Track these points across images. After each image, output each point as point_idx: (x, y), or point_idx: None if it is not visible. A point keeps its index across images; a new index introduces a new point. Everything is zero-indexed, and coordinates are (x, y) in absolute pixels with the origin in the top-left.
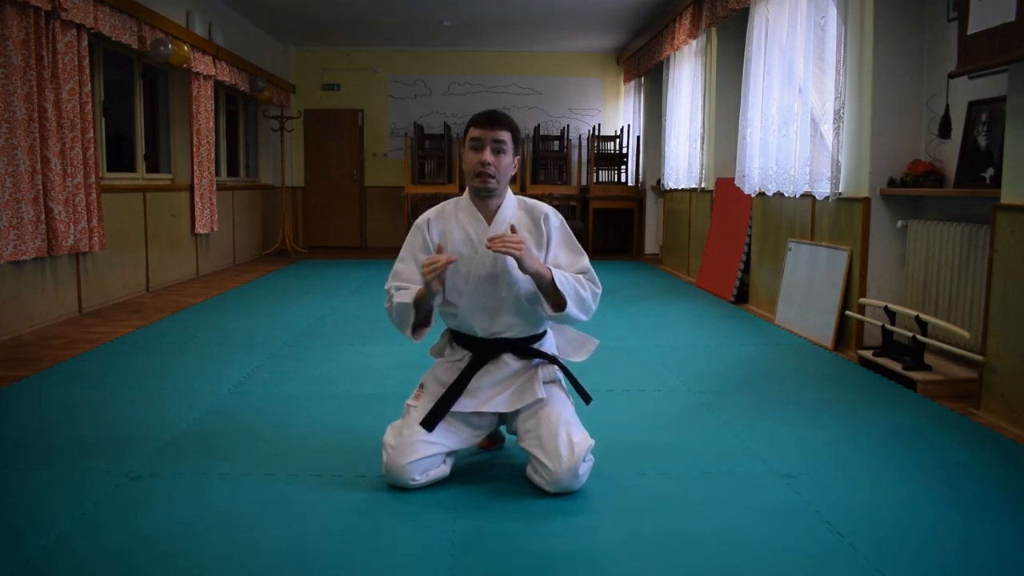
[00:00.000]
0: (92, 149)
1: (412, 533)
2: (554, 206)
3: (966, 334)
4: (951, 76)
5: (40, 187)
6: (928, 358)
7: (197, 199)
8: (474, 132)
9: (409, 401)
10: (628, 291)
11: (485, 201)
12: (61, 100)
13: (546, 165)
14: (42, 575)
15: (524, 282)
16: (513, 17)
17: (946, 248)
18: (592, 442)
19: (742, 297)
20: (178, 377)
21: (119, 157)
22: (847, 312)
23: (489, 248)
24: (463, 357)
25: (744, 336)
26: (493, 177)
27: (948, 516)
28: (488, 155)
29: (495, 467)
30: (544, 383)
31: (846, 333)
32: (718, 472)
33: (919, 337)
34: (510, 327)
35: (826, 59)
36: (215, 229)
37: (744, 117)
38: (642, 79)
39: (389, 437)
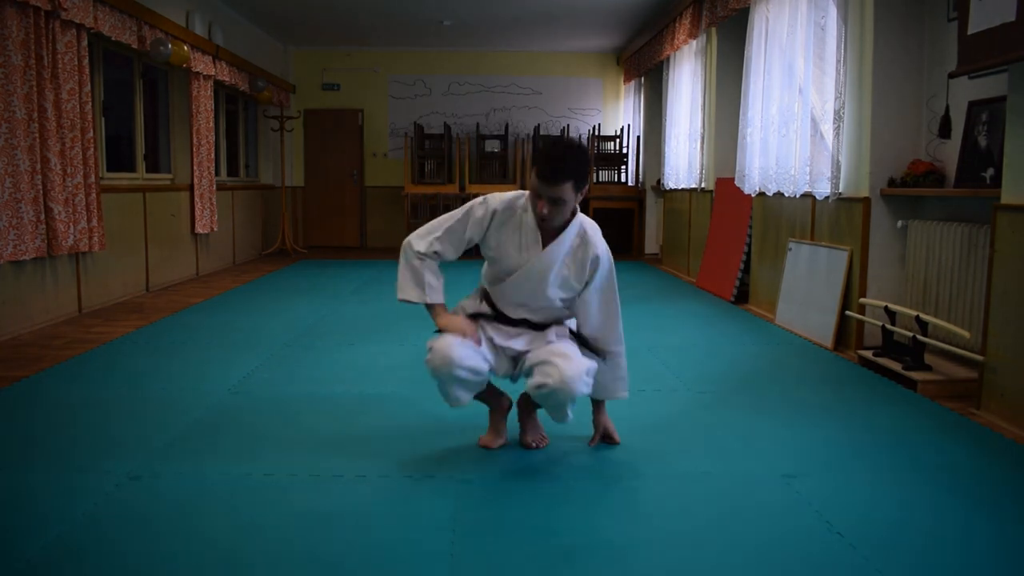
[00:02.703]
0: (92, 149)
1: (412, 533)
2: None
3: (966, 334)
4: (951, 76)
5: (40, 187)
6: (928, 358)
7: (197, 199)
8: (536, 184)
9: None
10: (628, 291)
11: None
12: (61, 100)
13: None
14: (42, 575)
15: (555, 301)
16: (513, 17)
17: (946, 248)
18: (595, 365)
19: (742, 297)
20: (178, 377)
21: (119, 157)
22: (847, 312)
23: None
24: (491, 313)
25: (744, 336)
26: (550, 221)
27: (948, 516)
28: (544, 208)
29: (495, 467)
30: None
31: (846, 333)
32: (718, 472)
33: (919, 337)
34: (530, 315)
35: (826, 59)
36: (215, 229)
37: (744, 117)
38: (642, 79)
39: (431, 343)
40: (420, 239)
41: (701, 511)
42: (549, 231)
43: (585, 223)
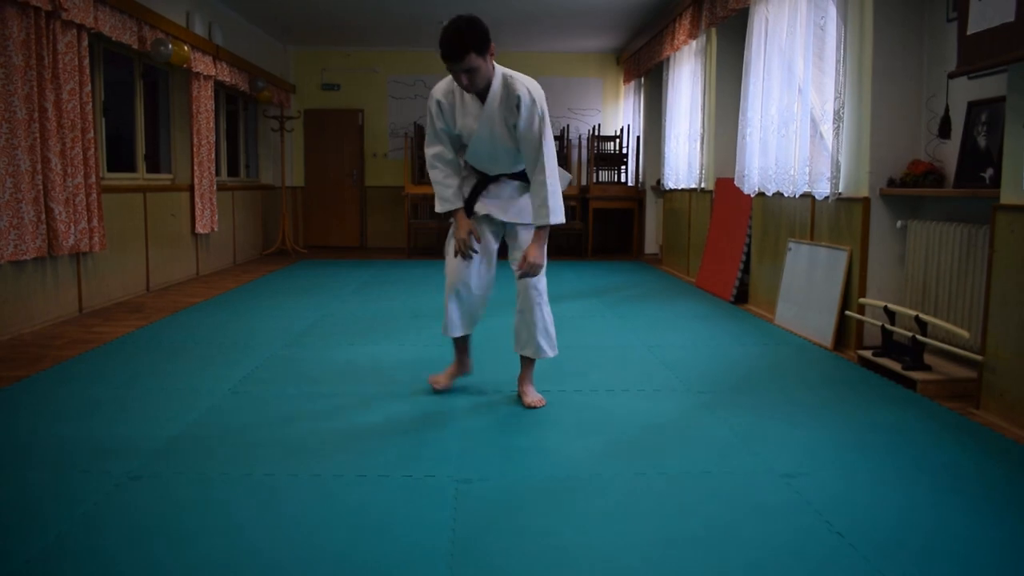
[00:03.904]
0: (92, 149)
1: (413, 533)
2: None
3: (966, 334)
4: (951, 76)
5: (40, 187)
6: (928, 358)
7: (197, 199)
8: (446, 65)
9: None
10: (628, 291)
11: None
12: (61, 100)
13: None
14: (42, 575)
15: (511, 143)
16: (513, 17)
17: (946, 248)
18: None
19: (742, 297)
20: (178, 377)
21: (119, 157)
22: (847, 312)
23: (519, 275)
24: (475, 177)
25: (744, 336)
26: (473, 86)
27: (948, 516)
28: (464, 80)
29: (495, 467)
30: (527, 225)
31: (846, 333)
32: (718, 472)
33: (919, 337)
34: (503, 169)
35: (826, 59)
36: (215, 229)
37: (744, 117)
38: (642, 79)
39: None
40: (426, 153)
41: (701, 511)
42: (483, 94)
43: (506, 74)
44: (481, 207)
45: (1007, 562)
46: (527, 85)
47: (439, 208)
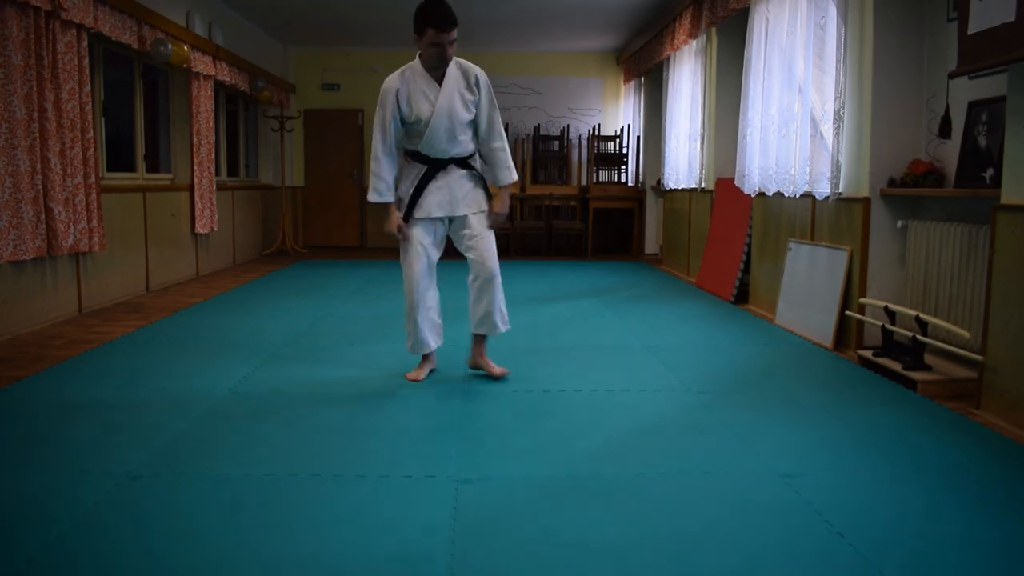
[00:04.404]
0: (92, 149)
1: (413, 533)
2: (554, 206)
3: (966, 334)
4: (951, 76)
5: (40, 187)
6: (928, 358)
7: (197, 199)
8: (434, 37)
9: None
10: (628, 291)
11: (437, 70)
12: (61, 100)
13: (546, 165)
14: (42, 575)
15: (467, 124)
16: (513, 17)
17: (946, 248)
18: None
19: (742, 297)
20: (178, 377)
21: (119, 157)
22: (847, 312)
23: (490, 225)
24: (420, 169)
25: (744, 336)
26: (447, 59)
27: (948, 516)
28: (449, 51)
29: (495, 467)
30: (478, 212)
31: (846, 333)
32: (718, 472)
33: (919, 337)
34: (455, 151)
35: (826, 59)
36: (215, 229)
37: (744, 117)
38: (642, 79)
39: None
40: (375, 144)
41: (701, 511)
42: (438, 76)
43: (456, 59)
44: (431, 209)
45: (1007, 562)
46: (478, 68)
47: (372, 198)
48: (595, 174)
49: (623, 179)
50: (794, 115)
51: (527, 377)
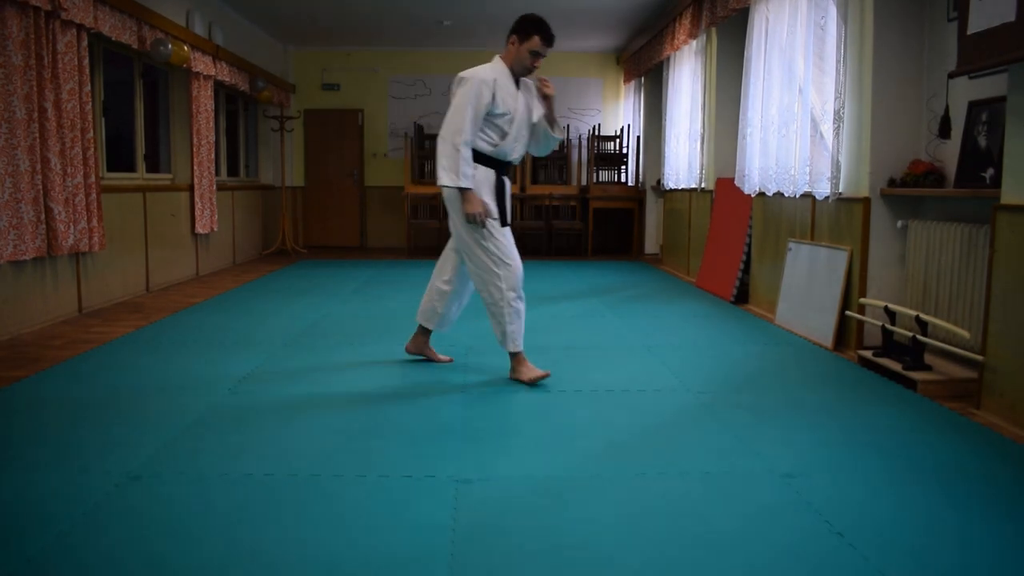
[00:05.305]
0: (92, 149)
1: (412, 533)
2: (554, 206)
3: (966, 334)
4: (951, 76)
5: (40, 187)
6: (928, 358)
7: (197, 199)
8: (539, 47)
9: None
10: (628, 291)
11: (519, 75)
12: (61, 100)
13: (546, 165)
14: (42, 575)
15: (531, 131)
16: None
17: (946, 248)
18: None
19: (742, 297)
20: (178, 377)
21: (119, 157)
22: (847, 312)
23: (544, 88)
24: (490, 174)
25: (744, 336)
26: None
27: (948, 516)
28: (539, 62)
29: (495, 467)
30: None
31: (846, 333)
32: (718, 472)
33: (919, 337)
34: (518, 153)
35: (826, 59)
36: (215, 229)
37: (744, 117)
38: (642, 79)
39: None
40: (462, 132)
41: (701, 511)
42: (516, 80)
43: None
44: (507, 218)
45: (1007, 562)
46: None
47: (463, 183)
48: (595, 174)
49: (623, 179)
50: (794, 115)
51: None
